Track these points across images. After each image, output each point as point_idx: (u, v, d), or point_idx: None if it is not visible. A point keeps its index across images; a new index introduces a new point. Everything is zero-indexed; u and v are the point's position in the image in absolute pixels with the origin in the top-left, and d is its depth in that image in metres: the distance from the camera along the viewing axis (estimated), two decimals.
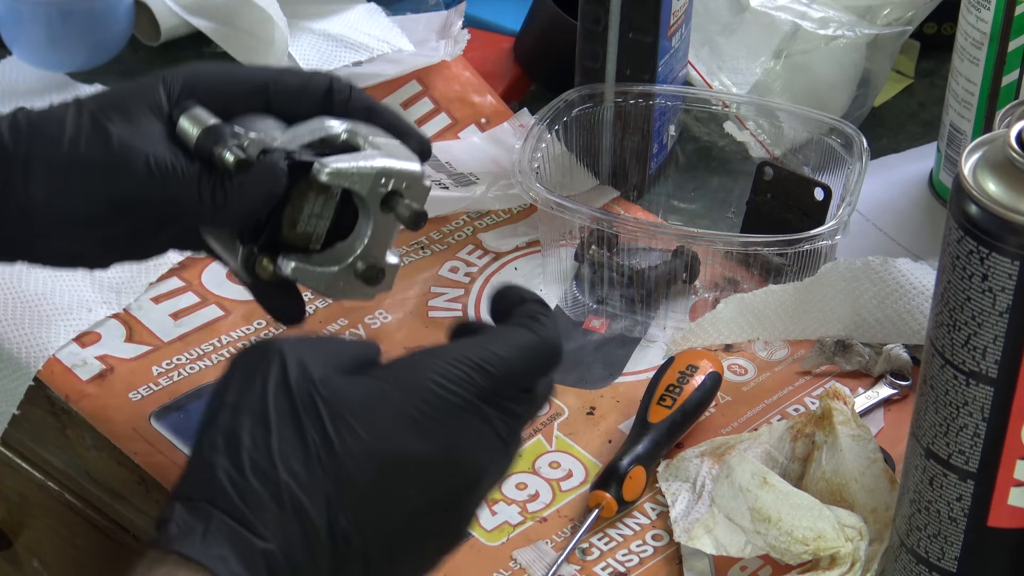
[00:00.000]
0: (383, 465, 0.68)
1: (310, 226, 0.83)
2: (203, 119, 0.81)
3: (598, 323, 1.06)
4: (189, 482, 0.67)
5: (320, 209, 0.83)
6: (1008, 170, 0.72)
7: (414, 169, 0.83)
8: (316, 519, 0.66)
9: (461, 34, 1.24)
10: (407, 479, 0.69)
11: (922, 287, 1.01)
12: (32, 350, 1.03)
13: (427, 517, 0.70)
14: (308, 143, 0.83)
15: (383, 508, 0.68)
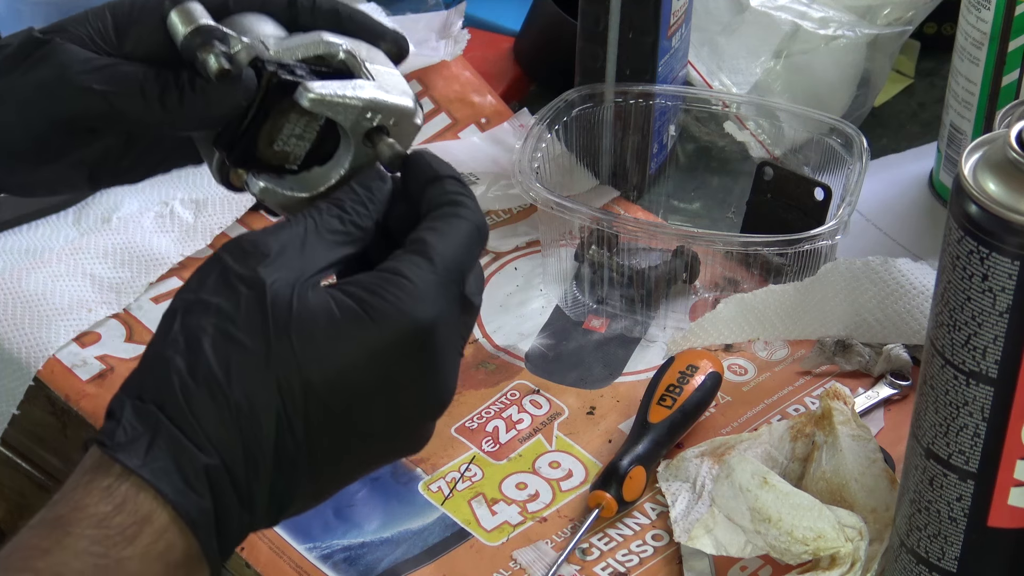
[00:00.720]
0: (345, 390, 0.67)
1: (288, 146, 0.78)
2: (195, 16, 0.77)
3: (598, 323, 1.06)
4: (143, 377, 0.66)
5: (302, 131, 0.79)
6: (1008, 170, 0.72)
7: (406, 105, 0.78)
8: (265, 439, 0.65)
9: (461, 34, 1.24)
10: (369, 405, 0.67)
11: (922, 287, 1.01)
12: (32, 350, 1.03)
13: (385, 441, 0.69)
14: (303, 58, 0.78)
15: (338, 431, 0.67)
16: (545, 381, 1.01)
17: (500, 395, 1.00)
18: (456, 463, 0.96)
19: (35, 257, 1.10)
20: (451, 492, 0.94)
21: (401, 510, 0.93)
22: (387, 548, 0.91)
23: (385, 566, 0.90)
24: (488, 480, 0.95)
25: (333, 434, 0.67)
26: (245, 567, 0.90)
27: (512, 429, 0.98)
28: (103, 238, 1.11)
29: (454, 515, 0.92)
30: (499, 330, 1.05)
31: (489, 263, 1.11)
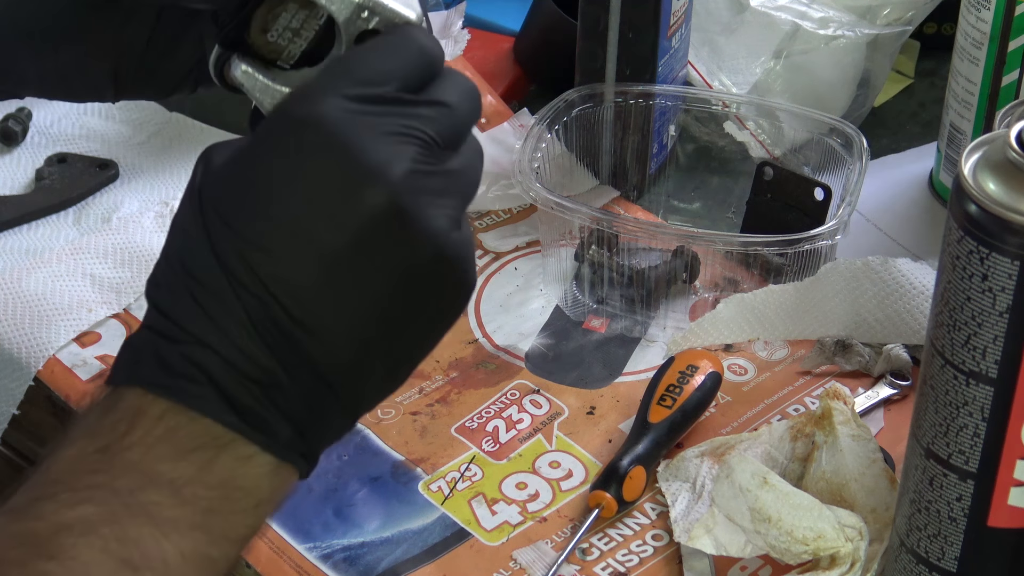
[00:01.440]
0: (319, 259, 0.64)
1: (283, 39, 0.75)
2: None
3: (598, 323, 1.06)
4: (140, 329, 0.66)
5: (299, 25, 0.76)
6: (1008, 170, 0.72)
7: (407, 14, 0.75)
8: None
9: (461, 34, 1.24)
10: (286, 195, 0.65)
11: (922, 287, 1.01)
12: (32, 350, 1.03)
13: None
14: None
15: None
16: (545, 381, 1.01)
17: (500, 395, 1.00)
18: (456, 463, 0.96)
19: (35, 257, 1.10)
20: (451, 492, 0.94)
21: (401, 510, 0.93)
22: (387, 548, 0.91)
23: (385, 566, 0.90)
24: (488, 480, 0.95)
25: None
26: (245, 567, 0.90)
27: (512, 429, 0.98)
28: (103, 238, 1.11)
29: (454, 515, 0.92)
30: (499, 330, 1.05)
31: (489, 263, 1.11)
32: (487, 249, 1.12)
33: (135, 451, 0.62)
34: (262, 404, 0.64)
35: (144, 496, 0.61)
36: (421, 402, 1.00)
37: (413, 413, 0.99)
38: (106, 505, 0.61)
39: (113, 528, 0.60)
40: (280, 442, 0.64)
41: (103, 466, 0.62)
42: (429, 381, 1.01)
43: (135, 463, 0.62)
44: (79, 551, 0.60)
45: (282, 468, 0.64)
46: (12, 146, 1.21)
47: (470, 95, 0.70)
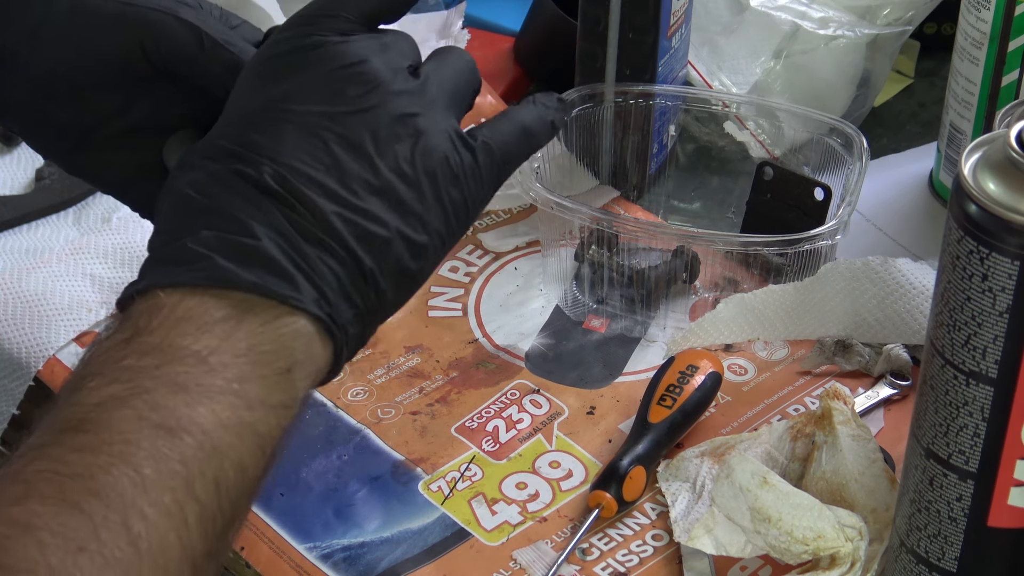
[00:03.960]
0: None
1: None
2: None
3: (598, 323, 1.06)
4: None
5: None
6: (1008, 170, 0.72)
7: None
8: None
9: (461, 34, 1.24)
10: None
11: (922, 287, 1.01)
12: (32, 350, 1.03)
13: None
14: None
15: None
16: (545, 381, 1.01)
17: (500, 395, 1.00)
18: (456, 463, 0.96)
19: (35, 257, 1.10)
20: (451, 492, 0.94)
21: (401, 510, 0.93)
22: (387, 548, 0.91)
23: (385, 566, 0.90)
24: (488, 480, 0.95)
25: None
26: (245, 567, 0.90)
27: (512, 429, 0.98)
28: (103, 238, 1.11)
29: (454, 515, 0.92)
30: (499, 330, 1.05)
31: (489, 263, 1.11)
32: (487, 249, 1.12)
33: (156, 335, 0.63)
34: (279, 265, 0.65)
35: (171, 368, 0.62)
36: (421, 402, 1.00)
37: (413, 413, 0.99)
38: (134, 382, 0.62)
39: (144, 399, 0.61)
40: (302, 300, 0.65)
41: (128, 354, 0.63)
42: (429, 381, 1.01)
43: (157, 344, 0.63)
44: (113, 422, 0.60)
45: (309, 329, 0.65)
46: (12, 146, 1.21)
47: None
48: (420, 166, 0.69)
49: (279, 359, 0.64)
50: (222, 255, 0.65)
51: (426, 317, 1.06)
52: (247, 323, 0.64)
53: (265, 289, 0.64)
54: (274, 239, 0.65)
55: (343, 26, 0.70)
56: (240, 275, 0.64)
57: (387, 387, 1.01)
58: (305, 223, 0.66)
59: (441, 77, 0.73)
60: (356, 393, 1.00)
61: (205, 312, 0.64)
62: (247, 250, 0.65)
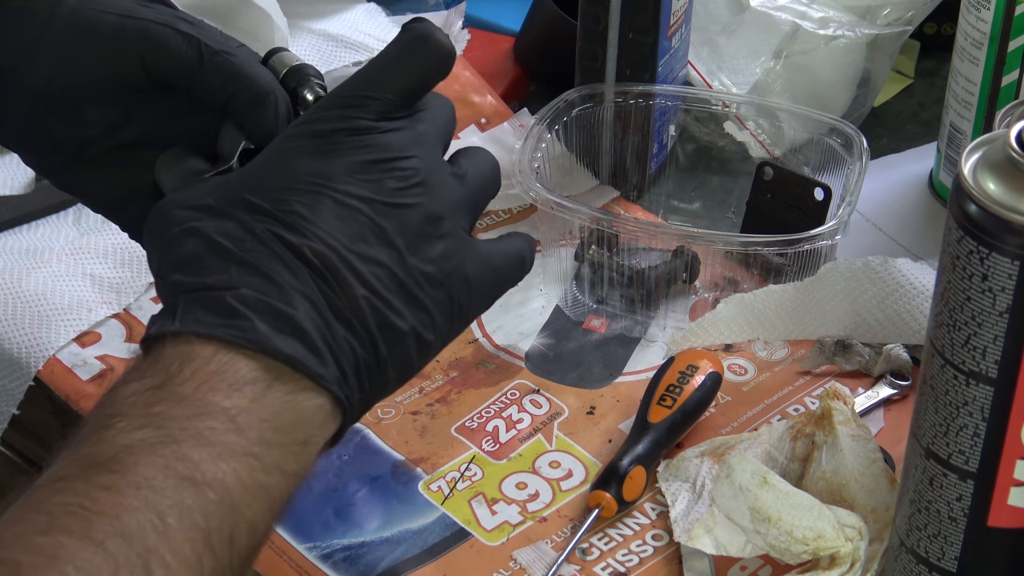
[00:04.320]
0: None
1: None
2: (287, 60, 0.82)
3: (598, 323, 1.06)
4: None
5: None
6: (1008, 170, 0.72)
7: None
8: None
9: (461, 34, 1.24)
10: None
11: (922, 287, 1.01)
12: (32, 350, 1.03)
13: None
14: None
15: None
16: (545, 381, 1.01)
17: (500, 395, 1.00)
18: (456, 463, 0.96)
19: (35, 257, 1.10)
20: (451, 492, 0.94)
21: (401, 510, 0.93)
22: (387, 548, 0.91)
23: (385, 566, 0.90)
24: (488, 480, 0.95)
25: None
26: None
27: (512, 429, 0.98)
28: (103, 238, 1.11)
29: (454, 515, 0.92)
30: (499, 330, 1.05)
31: None
32: None
33: (188, 386, 0.64)
34: (311, 338, 0.66)
35: (200, 422, 0.63)
36: (421, 402, 1.00)
37: (413, 413, 0.99)
38: (164, 429, 0.63)
39: (172, 448, 0.62)
40: (327, 378, 0.66)
41: (159, 399, 0.64)
42: (429, 381, 1.01)
43: (189, 396, 0.64)
44: (141, 467, 0.61)
45: (328, 407, 0.67)
46: None
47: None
48: (441, 269, 0.70)
49: (298, 431, 0.66)
50: (260, 317, 0.66)
51: None
52: (275, 390, 0.65)
53: (297, 362, 0.65)
54: (308, 311, 0.66)
55: (387, 108, 0.71)
56: (276, 343, 0.65)
57: None
58: (337, 301, 0.67)
59: (471, 185, 0.74)
60: None
61: (237, 371, 0.65)
62: (284, 318, 0.66)
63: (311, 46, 1.24)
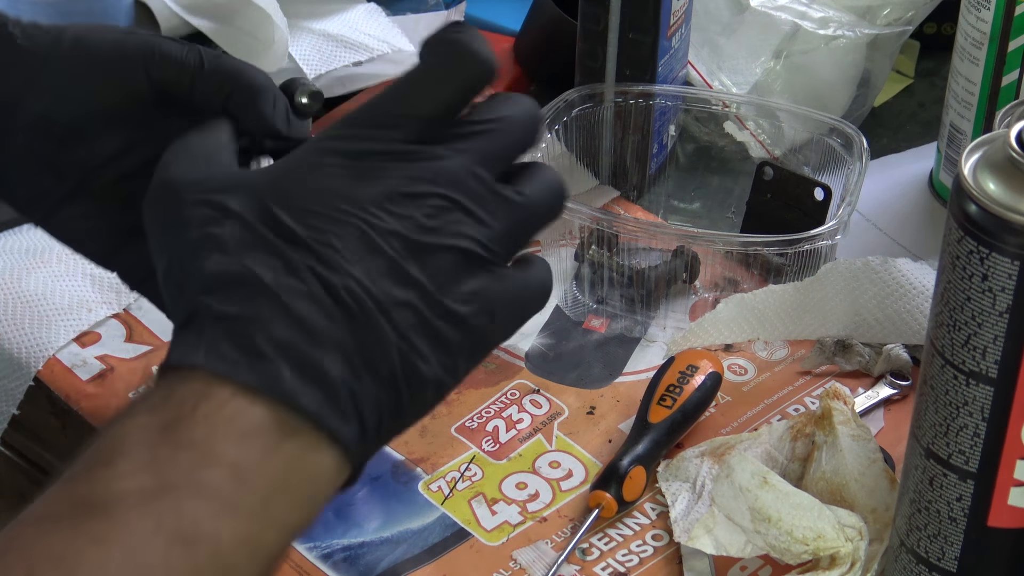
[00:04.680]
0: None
1: None
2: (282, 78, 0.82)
3: (598, 323, 1.06)
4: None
5: None
6: (1008, 170, 0.72)
7: None
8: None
9: None
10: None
11: (922, 287, 1.01)
12: (32, 350, 1.03)
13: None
14: None
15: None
16: (545, 381, 1.01)
17: (500, 395, 1.00)
18: (456, 463, 0.96)
19: (35, 257, 1.10)
20: (451, 492, 0.94)
21: (401, 510, 0.93)
22: (387, 548, 0.91)
23: (385, 566, 0.90)
24: (488, 480, 0.95)
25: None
26: None
27: (512, 429, 0.98)
28: None
29: (454, 515, 0.92)
30: None
31: None
32: None
33: (198, 430, 0.61)
34: (336, 392, 0.62)
35: (205, 474, 0.60)
36: None
37: None
38: (164, 478, 0.60)
39: (169, 502, 0.59)
40: (347, 438, 0.63)
41: (165, 441, 0.61)
42: None
43: (197, 442, 0.61)
44: (131, 519, 0.59)
45: (341, 464, 0.63)
46: None
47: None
48: (471, 310, 0.66)
49: (308, 487, 0.63)
50: (289, 365, 0.62)
51: None
52: (290, 444, 0.62)
53: (321, 420, 0.62)
54: (337, 361, 0.62)
55: (425, 129, 0.66)
56: (300, 398, 0.62)
57: None
58: (369, 349, 0.63)
59: (526, 211, 0.68)
60: None
61: (252, 418, 0.61)
62: (313, 367, 0.62)
63: (311, 46, 1.24)
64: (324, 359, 0.62)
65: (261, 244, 0.64)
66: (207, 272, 0.64)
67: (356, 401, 0.63)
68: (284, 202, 0.65)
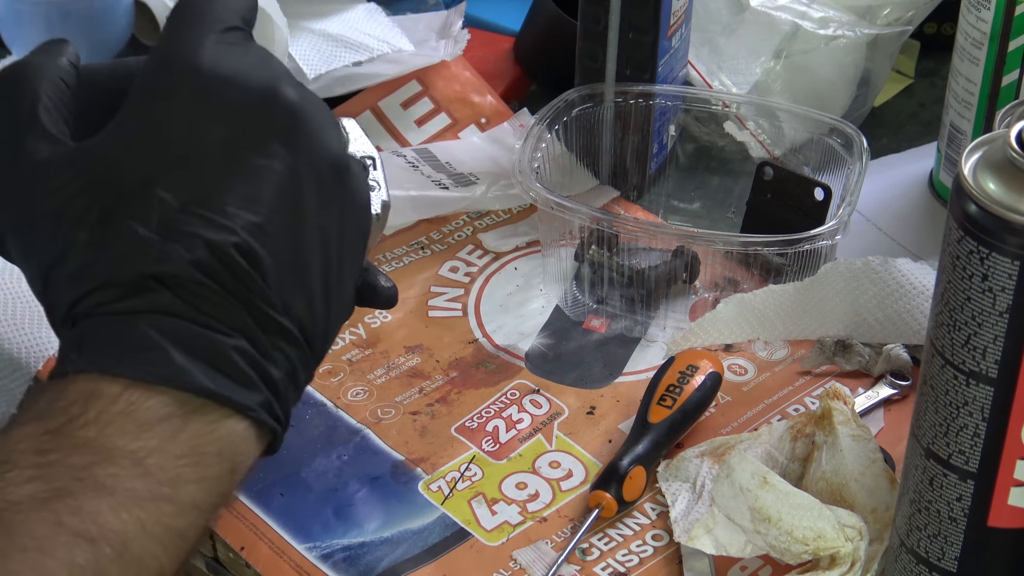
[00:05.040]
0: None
1: None
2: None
3: (598, 323, 1.06)
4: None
5: None
6: (1008, 170, 0.72)
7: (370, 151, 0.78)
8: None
9: (461, 34, 1.24)
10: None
11: (922, 287, 1.01)
12: (32, 350, 1.03)
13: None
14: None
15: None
16: (545, 381, 1.01)
17: (500, 395, 1.00)
18: (456, 463, 0.96)
19: None
20: (451, 492, 0.94)
21: (401, 510, 0.93)
22: (387, 548, 0.91)
23: (385, 566, 0.90)
24: (488, 480, 0.95)
25: None
26: (245, 567, 0.90)
27: (512, 429, 0.98)
28: None
29: (454, 515, 0.92)
30: (499, 330, 1.05)
31: (489, 263, 1.11)
32: (487, 249, 1.12)
33: (91, 429, 0.59)
34: (235, 363, 0.61)
35: (101, 470, 0.58)
36: (421, 402, 1.00)
37: (413, 413, 0.99)
38: (57, 481, 0.58)
39: (67, 502, 0.58)
40: (255, 403, 0.61)
41: (54, 446, 0.59)
42: (429, 381, 1.01)
43: (90, 440, 0.59)
44: (29, 525, 0.57)
45: (257, 430, 0.62)
46: None
47: None
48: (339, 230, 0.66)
49: (224, 460, 0.61)
50: (179, 348, 0.60)
51: (426, 317, 1.06)
52: (193, 424, 0.60)
53: (221, 397, 0.60)
54: (235, 338, 0.61)
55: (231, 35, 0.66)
56: (196, 378, 0.60)
57: (387, 387, 1.01)
58: (267, 311, 0.62)
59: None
60: (356, 393, 1.00)
61: (148, 409, 0.60)
62: (204, 345, 0.60)
63: (311, 46, 1.24)
64: (216, 337, 0.61)
65: (125, 207, 0.62)
66: (64, 257, 0.62)
67: (258, 365, 0.61)
68: (162, 173, 0.63)
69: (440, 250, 1.12)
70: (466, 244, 1.12)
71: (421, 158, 1.17)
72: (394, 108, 1.22)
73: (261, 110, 0.64)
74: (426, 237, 1.13)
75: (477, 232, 1.13)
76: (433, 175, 1.16)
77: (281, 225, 0.63)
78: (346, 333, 1.05)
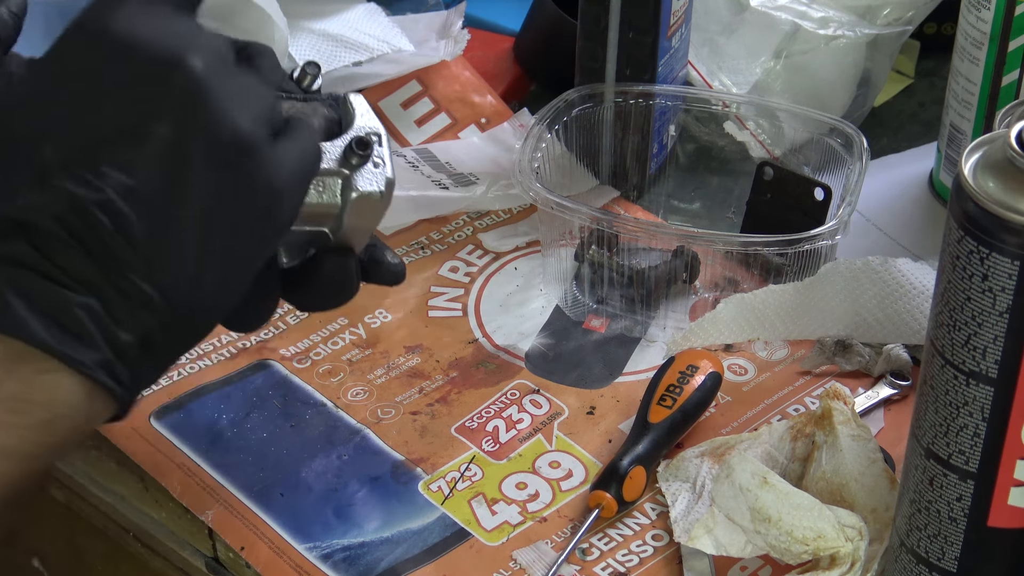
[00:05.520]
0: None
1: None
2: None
3: (598, 323, 1.06)
4: None
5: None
6: (1008, 170, 0.72)
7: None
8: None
9: (461, 34, 1.24)
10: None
11: (922, 287, 1.01)
12: None
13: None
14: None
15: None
16: (545, 381, 1.01)
17: (500, 395, 1.00)
18: (456, 463, 0.96)
19: None
20: (451, 492, 0.94)
21: (401, 510, 0.93)
22: (387, 548, 0.91)
23: (385, 566, 0.90)
24: (488, 480, 0.95)
25: None
26: (245, 567, 0.90)
27: (512, 429, 0.98)
28: None
29: (454, 515, 0.92)
30: (499, 330, 1.05)
31: (489, 263, 1.11)
32: (487, 249, 1.12)
33: None
34: (78, 321, 0.61)
35: None
36: (421, 402, 1.00)
37: (413, 413, 0.99)
38: None
39: None
40: (92, 361, 0.62)
41: None
42: (429, 381, 1.01)
43: None
44: None
45: (87, 387, 0.62)
46: None
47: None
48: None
49: (44, 410, 0.62)
50: (21, 298, 0.61)
51: (426, 317, 1.06)
52: (19, 371, 0.61)
53: (54, 350, 0.61)
54: (83, 295, 0.62)
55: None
56: (31, 328, 0.61)
57: (387, 387, 1.01)
58: (126, 274, 0.62)
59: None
60: (356, 393, 1.00)
61: None
62: (49, 300, 0.61)
63: (311, 46, 1.24)
64: (59, 291, 0.61)
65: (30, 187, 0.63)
66: None
67: (100, 323, 0.62)
68: (52, 137, 0.64)
69: (440, 250, 1.12)
70: (466, 244, 1.12)
71: (421, 158, 1.18)
72: (394, 108, 1.22)
73: (159, 79, 0.65)
74: (426, 237, 1.13)
75: (477, 232, 1.13)
76: (433, 175, 1.16)
77: (156, 192, 0.63)
78: (346, 333, 1.05)
